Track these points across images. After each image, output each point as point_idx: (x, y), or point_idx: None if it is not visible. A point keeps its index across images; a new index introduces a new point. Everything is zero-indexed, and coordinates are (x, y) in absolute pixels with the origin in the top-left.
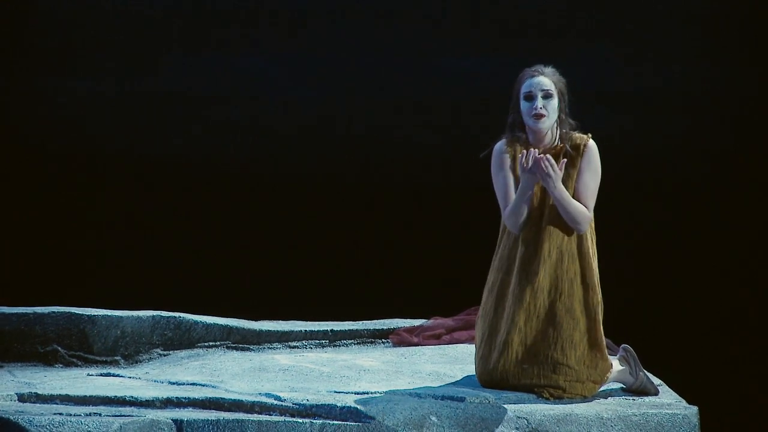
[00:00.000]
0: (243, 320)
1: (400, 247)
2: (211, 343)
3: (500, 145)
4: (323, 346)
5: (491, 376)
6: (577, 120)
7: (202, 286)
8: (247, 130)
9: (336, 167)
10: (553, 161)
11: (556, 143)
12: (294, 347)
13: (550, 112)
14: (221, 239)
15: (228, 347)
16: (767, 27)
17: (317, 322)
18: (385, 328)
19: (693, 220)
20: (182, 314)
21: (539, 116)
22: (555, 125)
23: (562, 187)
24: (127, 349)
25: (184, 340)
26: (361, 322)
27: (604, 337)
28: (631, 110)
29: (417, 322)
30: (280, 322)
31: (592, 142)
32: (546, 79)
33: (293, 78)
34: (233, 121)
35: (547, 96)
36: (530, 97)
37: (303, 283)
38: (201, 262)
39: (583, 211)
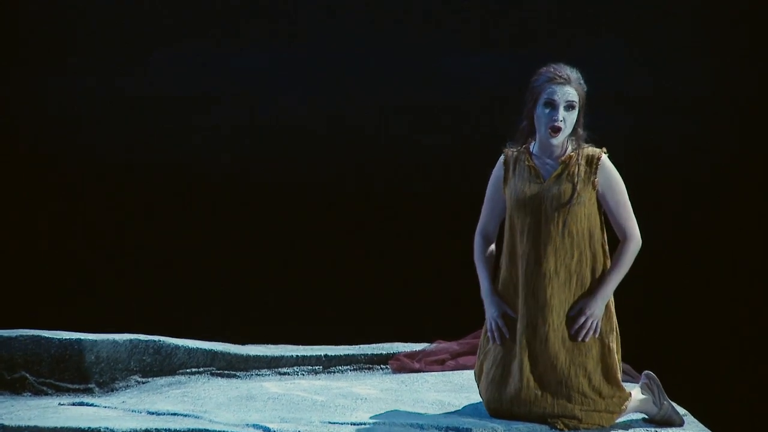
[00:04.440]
0: (229, 344)
1: (400, 265)
2: (193, 370)
3: (502, 158)
4: (317, 373)
5: (501, 404)
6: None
7: (184, 307)
8: (236, 137)
9: (330, 177)
10: (588, 325)
11: (564, 153)
12: (284, 374)
13: (568, 125)
14: (205, 255)
15: (212, 374)
16: None
17: (310, 347)
18: (384, 352)
19: (698, 227)
20: (162, 338)
21: (557, 129)
22: (567, 138)
23: (606, 293)
24: (102, 376)
25: (165, 366)
26: (357, 346)
27: (620, 365)
28: (631, 111)
29: (419, 347)
30: (270, 346)
31: (605, 158)
32: (572, 90)
33: (292, 79)
34: (224, 125)
35: (569, 108)
36: (552, 105)
37: (294, 303)
38: (183, 280)
39: (627, 255)
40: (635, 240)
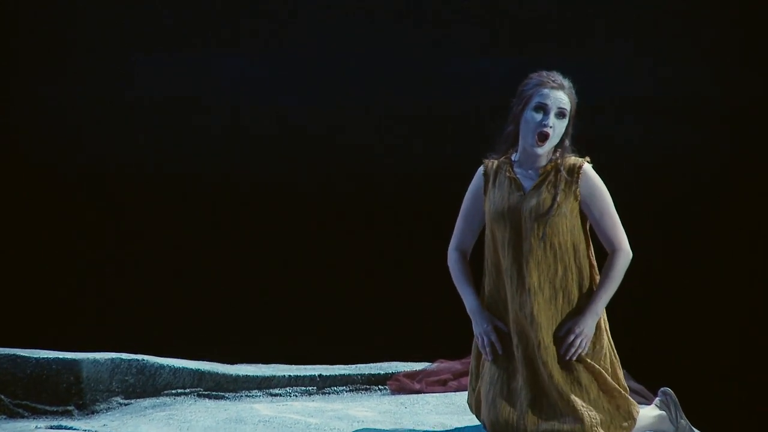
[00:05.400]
0: (217, 363)
1: (399, 279)
2: (179, 390)
3: (481, 169)
4: (311, 394)
5: (506, 427)
6: (580, 126)
7: (169, 324)
8: (229, 143)
9: (325, 187)
10: (577, 344)
11: (547, 164)
12: (276, 395)
13: (556, 134)
14: (191, 270)
15: (199, 395)
16: None
17: (303, 366)
18: (382, 372)
19: (697, 227)
20: (146, 357)
21: (545, 137)
22: (551, 148)
23: (596, 311)
24: (82, 398)
25: (149, 386)
26: (354, 365)
27: (616, 379)
28: (630, 112)
29: (419, 366)
30: (260, 365)
31: (587, 167)
32: (565, 98)
33: (291, 80)
34: (213, 131)
35: (560, 115)
36: (543, 110)
37: (287, 320)
38: (168, 295)
39: (616, 269)
40: (623, 252)
